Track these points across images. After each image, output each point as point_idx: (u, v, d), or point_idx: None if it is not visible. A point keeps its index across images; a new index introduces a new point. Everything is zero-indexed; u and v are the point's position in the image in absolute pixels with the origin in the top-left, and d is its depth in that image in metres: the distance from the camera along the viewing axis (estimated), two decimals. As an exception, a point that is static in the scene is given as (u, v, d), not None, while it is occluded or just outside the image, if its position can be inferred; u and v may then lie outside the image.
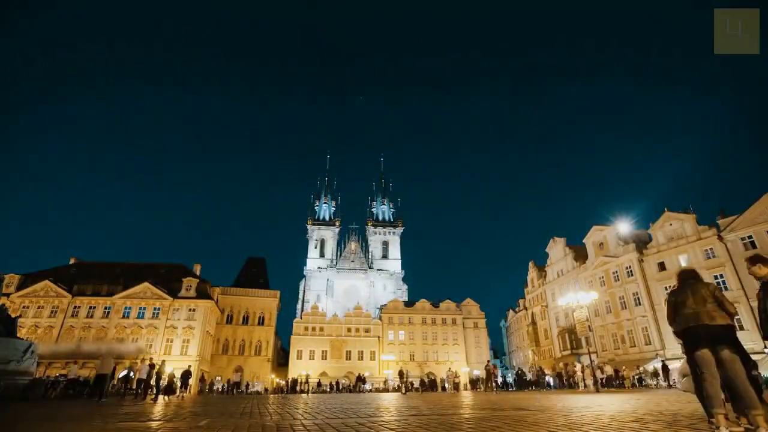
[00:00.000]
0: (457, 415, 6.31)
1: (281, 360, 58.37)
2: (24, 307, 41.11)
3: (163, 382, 17.59)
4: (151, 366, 16.45)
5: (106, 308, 43.05)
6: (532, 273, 56.06)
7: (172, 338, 42.82)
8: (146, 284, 44.20)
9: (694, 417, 4.92)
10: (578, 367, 26.06)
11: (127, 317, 42.92)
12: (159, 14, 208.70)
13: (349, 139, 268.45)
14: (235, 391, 32.83)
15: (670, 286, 33.61)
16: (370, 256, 78.79)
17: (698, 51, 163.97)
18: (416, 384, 37.74)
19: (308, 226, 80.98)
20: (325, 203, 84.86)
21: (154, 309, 43.64)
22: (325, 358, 53.03)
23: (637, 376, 29.16)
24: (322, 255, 79.14)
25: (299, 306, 73.02)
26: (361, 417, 5.94)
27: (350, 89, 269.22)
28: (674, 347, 31.64)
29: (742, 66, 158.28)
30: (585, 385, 23.01)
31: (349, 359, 53.70)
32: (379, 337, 55.59)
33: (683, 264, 33.06)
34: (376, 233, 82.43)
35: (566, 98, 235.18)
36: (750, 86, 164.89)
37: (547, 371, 39.74)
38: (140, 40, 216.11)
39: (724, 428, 3.32)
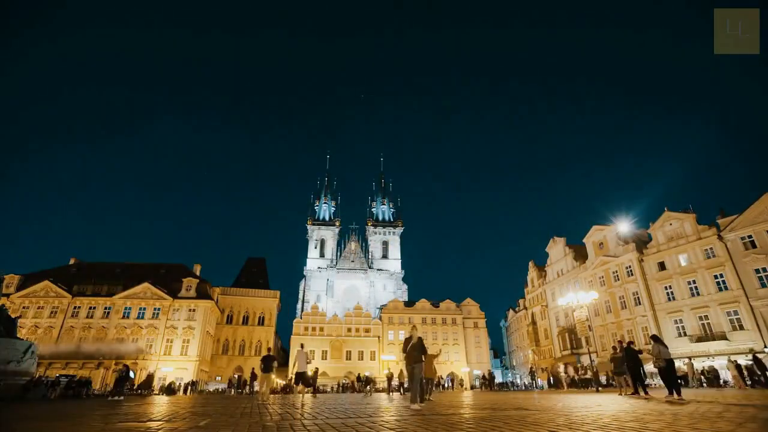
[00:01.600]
0: (457, 415, 6.31)
1: (281, 360, 58.32)
2: (24, 307, 41.11)
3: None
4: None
5: (106, 308, 43.03)
6: (532, 273, 56.03)
7: (172, 338, 42.80)
8: (146, 284, 44.18)
9: (693, 417, 4.93)
10: (562, 368, 25.95)
11: (127, 317, 42.90)
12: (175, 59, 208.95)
13: (349, 139, 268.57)
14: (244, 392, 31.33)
15: (669, 286, 33.64)
16: (370, 256, 78.72)
17: (698, 53, 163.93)
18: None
19: (308, 226, 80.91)
20: (325, 203, 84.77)
21: (154, 309, 43.62)
22: (326, 358, 53.00)
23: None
24: (322, 255, 79.07)
25: (299, 306, 72.96)
26: (361, 417, 5.94)
27: (350, 90, 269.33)
28: (674, 346, 31.64)
29: (740, 70, 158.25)
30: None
31: (350, 359, 53.70)
32: (379, 337, 55.59)
33: (683, 263, 33.11)
34: (376, 233, 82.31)
35: (568, 105, 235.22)
36: (749, 88, 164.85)
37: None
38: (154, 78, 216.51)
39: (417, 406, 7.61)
